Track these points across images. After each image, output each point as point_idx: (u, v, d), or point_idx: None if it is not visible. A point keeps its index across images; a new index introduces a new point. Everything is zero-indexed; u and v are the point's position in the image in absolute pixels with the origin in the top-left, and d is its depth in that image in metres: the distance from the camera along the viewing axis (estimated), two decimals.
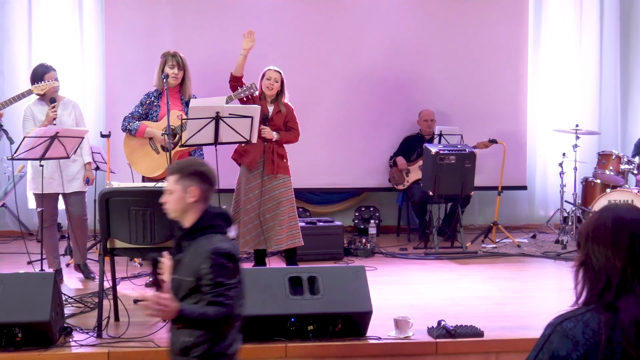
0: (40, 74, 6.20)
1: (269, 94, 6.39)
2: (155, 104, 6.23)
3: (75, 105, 6.42)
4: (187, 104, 6.18)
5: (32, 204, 6.80)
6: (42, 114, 6.16)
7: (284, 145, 6.50)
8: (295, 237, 6.42)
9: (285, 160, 6.46)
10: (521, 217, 9.34)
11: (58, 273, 6.04)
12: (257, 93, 6.32)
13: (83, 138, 6.02)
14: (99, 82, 8.61)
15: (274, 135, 6.35)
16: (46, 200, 6.17)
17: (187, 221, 3.26)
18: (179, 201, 3.24)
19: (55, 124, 6.08)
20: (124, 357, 4.54)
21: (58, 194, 6.30)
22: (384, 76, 8.76)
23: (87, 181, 6.43)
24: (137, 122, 6.18)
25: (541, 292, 6.34)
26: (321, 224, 7.43)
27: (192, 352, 3.16)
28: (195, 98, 6.27)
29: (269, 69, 6.42)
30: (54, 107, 6.12)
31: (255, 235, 6.34)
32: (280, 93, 6.42)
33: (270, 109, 6.41)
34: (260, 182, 6.33)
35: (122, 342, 4.66)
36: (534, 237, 8.48)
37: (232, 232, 3.27)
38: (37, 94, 6.15)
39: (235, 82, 6.35)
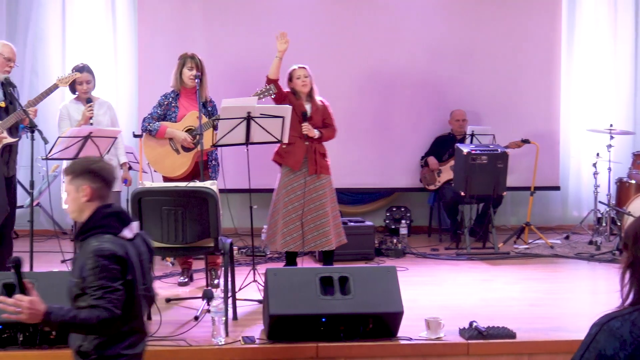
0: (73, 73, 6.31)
1: (305, 91, 6.36)
2: (173, 104, 6.24)
3: (110, 106, 6.50)
4: (204, 105, 6.17)
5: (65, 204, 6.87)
6: (78, 113, 6.23)
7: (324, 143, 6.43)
8: (341, 235, 6.40)
9: (326, 159, 6.40)
10: (554, 217, 9.26)
11: None
12: (274, 95, 6.27)
13: (116, 138, 6.07)
14: (132, 82, 8.68)
15: (316, 133, 6.30)
16: None
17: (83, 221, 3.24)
18: (74, 201, 3.21)
19: (92, 124, 6.14)
20: (156, 356, 4.56)
21: None
22: (415, 76, 8.74)
23: (125, 182, 6.47)
24: (157, 123, 6.18)
25: (574, 294, 6.28)
26: (352, 224, 7.42)
27: (90, 355, 3.12)
28: (211, 100, 6.30)
29: (294, 68, 6.38)
30: (90, 106, 6.19)
31: (297, 237, 6.28)
32: (312, 88, 6.38)
33: (308, 106, 6.36)
34: (304, 183, 6.27)
35: (155, 341, 4.68)
36: (567, 238, 8.40)
37: (126, 232, 3.19)
38: (73, 89, 6.26)
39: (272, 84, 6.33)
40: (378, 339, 4.67)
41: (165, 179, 6.22)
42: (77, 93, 6.31)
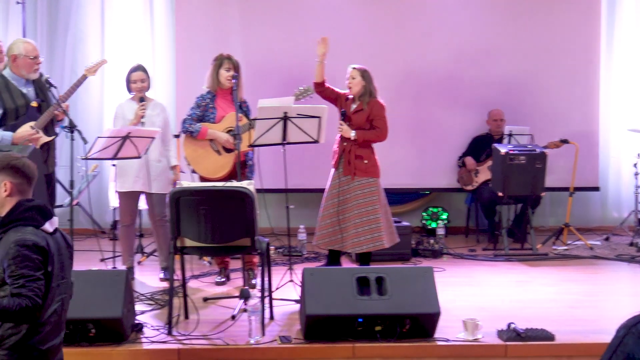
0: (129, 72, 6.42)
1: (352, 92, 6.30)
2: (210, 105, 6.26)
3: (163, 108, 6.55)
4: (239, 106, 6.17)
5: (114, 202, 6.96)
6: (132, 112, 6.30)
7: (371, 145, 6.32)
8: (376, 240, 6.21)
9: (366, 162, 6.24)
10: (594, 218, 9.14)
11: (130, 271, 6.15)
12: (312, 96, 6.28)
13: (154, 138, 6.10)
14: (170, 83, 8.74)
15: (351, 134, 6.22)
16: (129, 198, 6.31)
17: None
18: None
19: (144, 123, 6.20)
20: (193, 354, 4.60)
21: (140, 193, 6.40)
22: (453, 75, 8.68)
23: (175, 184, 6.52)
24: (198, 124, 6.21)
25: (614, 296, 6.21)
26: None
27: (3, 344, 3.12)
28: (245, 102, 6.31)
29: (348, 69, 6.37)
30: (143, 105, 6.26)
31: (331, 234, 6.27)
32: (365, 90, 6.27)
33: (354, 107, 6.31)
34: (338, 183, 6.26)
35: (192, 339, 4.72)
36: (607, 239, 8.30)
37: (47, 226, 3.22)
38: (129, 88, 6.37)
39: (318, 88, 6.32)
40: (415, 339, 4.66)
41: (203, 179, 6.25)
42: (133, 92, 6.39)
